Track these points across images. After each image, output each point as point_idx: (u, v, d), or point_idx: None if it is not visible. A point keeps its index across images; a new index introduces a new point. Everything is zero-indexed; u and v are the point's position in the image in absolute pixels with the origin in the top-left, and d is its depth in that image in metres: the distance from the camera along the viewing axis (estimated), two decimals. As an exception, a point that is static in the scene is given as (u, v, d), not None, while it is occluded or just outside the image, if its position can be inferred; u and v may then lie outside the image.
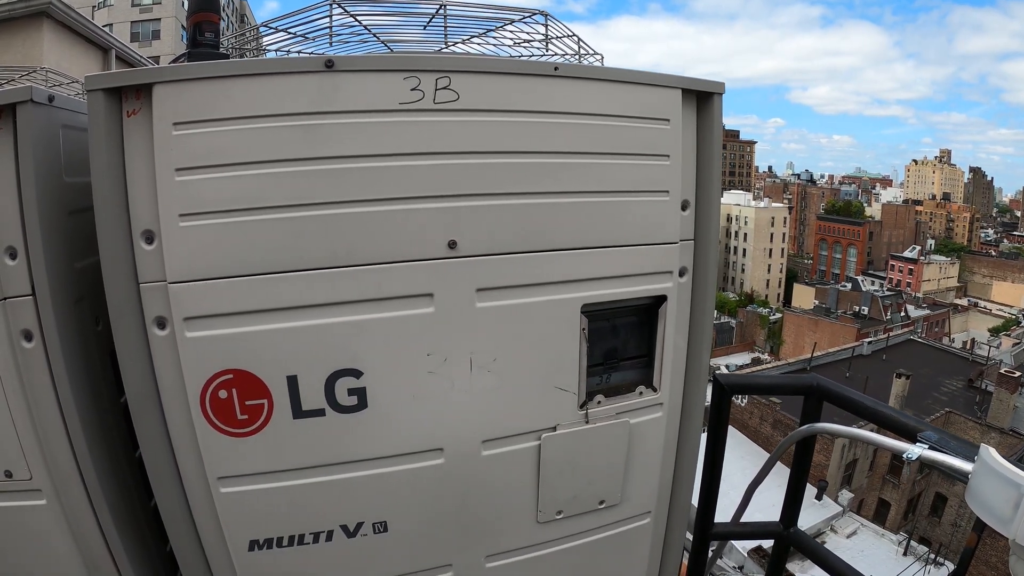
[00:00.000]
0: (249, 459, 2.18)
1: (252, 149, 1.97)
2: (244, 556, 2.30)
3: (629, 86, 2.33)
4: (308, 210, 2.04)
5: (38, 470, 2.21)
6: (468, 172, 2.16)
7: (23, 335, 2.10)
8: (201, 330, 2.05)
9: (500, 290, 2.28)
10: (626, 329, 2.57)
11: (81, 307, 2.27)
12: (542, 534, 2.63)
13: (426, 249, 2.17)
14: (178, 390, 2.10)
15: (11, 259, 2.05)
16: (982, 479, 1.89)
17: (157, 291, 2.03)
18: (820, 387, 2.79)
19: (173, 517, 2.26)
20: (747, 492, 3.05)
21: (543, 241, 2.30)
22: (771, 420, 33.34)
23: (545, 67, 2.23)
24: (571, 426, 2.49)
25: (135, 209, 1.99)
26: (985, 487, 1.88)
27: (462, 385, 2.31)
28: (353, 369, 2.18)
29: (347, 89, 2.01)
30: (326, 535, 2.34)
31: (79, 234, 2.22)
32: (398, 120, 2.07)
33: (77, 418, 2.18)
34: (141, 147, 1.96)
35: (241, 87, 1.95)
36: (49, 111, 2.10)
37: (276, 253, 2.05)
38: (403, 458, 2.32)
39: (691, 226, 2.58)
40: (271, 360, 2.11)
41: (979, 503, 1.90)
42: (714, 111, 2.52)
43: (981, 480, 1.90)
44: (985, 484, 1.88)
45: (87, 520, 2.30)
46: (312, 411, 2.18)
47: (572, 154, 2.28)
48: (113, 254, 2.00)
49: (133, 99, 1.94)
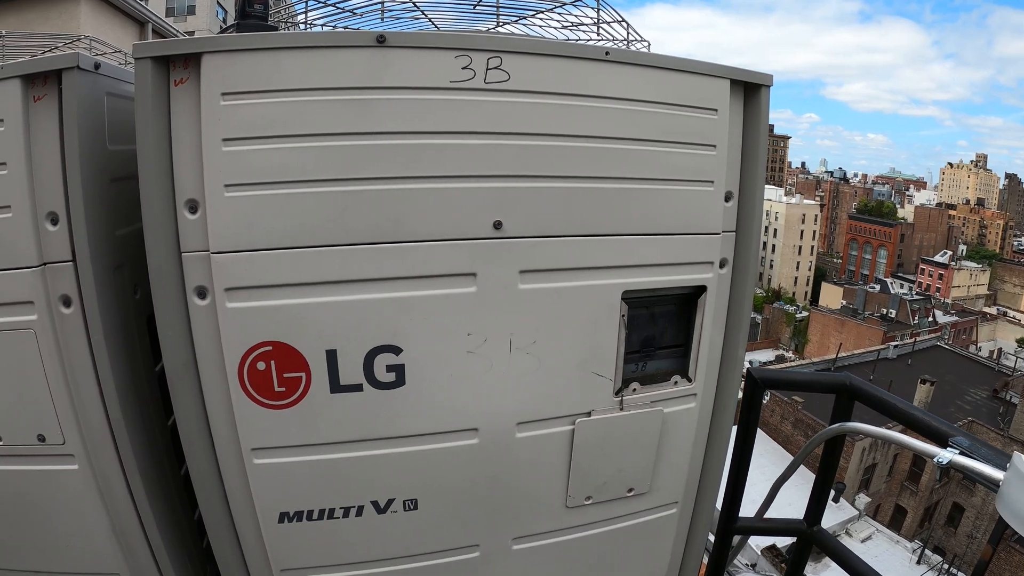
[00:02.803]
0: (284, 431, 2.20)
1: (300, 122, 1.97)
2: (273, 527, 2.32)
3: (678, 74, 2.30)
4: (355, 185, 2.04)
5: (71, 435, 2.24)
6: (516, 153, 2.14)
7: (62, 300, 2.12)
8: (242, 301, 2.05)
9: (543, 273, 2.27)
10: (664, 318, 2.56)
11: (120, 274, 2.29)
12: (570, 519, 2.62)
13: (471, 228, 2.17)
14: (216, 360, 2.11)
15: (52, 225, 2.07)
16: (1015, 487, 1.86)
17: (199, 261, 2.04)
18: (853, 386, 2.76)
19: (204, 485, 2.28)
20: (773, 488, 3.02)
21: (587, 226, 2.28)
22: (792, 419, 33.09)
23: (596, 51, 2.20)
24: (606, 412, 2.48)
25: (180, 178, 2.00)
26: (1018, 495, 1.84)
27: (500, 366, 2.31)
28: (393, 346, 2.18)
29: (398, 65, 2.00)
30: (356, 510, 2.35)
31: (121, 202, 2.24)
32: (448, 98, 2.05)
33: (112, 384, 2.20)
34: (188, 117, 1.96)
35: (291, 59, 1.94)
36: (95, 78, 2.11)
37: (321, 227, 2.05)
38: (438, 436, 2.33)
39: (734, 218, 2.54)
40: (311, 333, 2.11)
41: (1011, 511, 1.86)
42: (761, 103, 2.48)
43: (1013, 488, 1.86)
44: (1018, 492, 1.84)
45: (118, 486, 2.33)
46: (350, 386, 2.18)
47: (619, 140, 2.25)
48: (156, 222, 2.01)
49: (181, 68, 1.95)
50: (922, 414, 2.49)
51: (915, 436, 2.41)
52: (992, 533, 1.97)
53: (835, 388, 2.81)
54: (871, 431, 2.54)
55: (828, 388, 2.87)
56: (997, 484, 1.92)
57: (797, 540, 3.12)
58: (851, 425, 2.67)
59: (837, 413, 2.79)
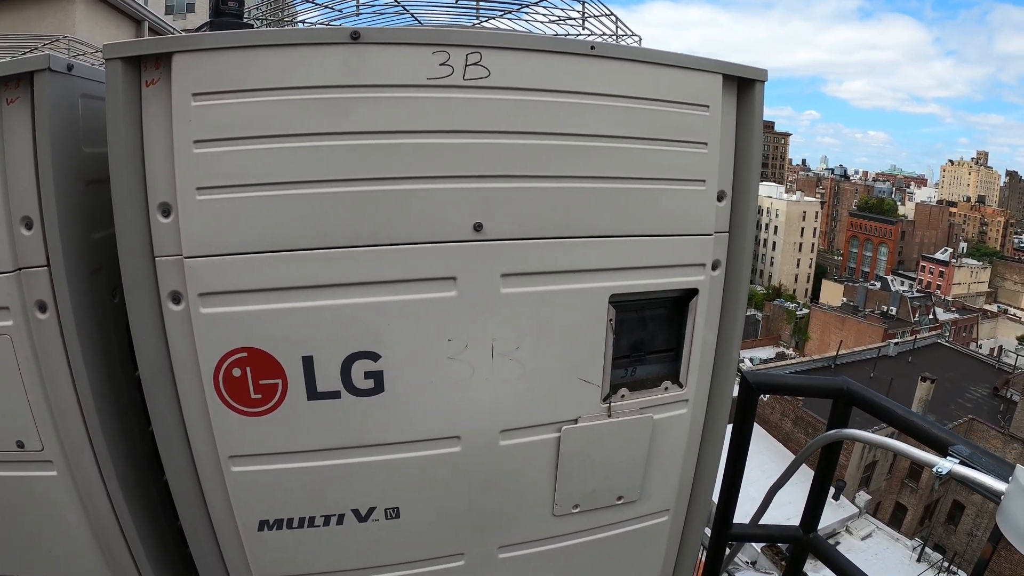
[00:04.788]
0: (261, 439, 2.16)
1: (274, 122, 1.92)
2: (253, 536, 2.28)
3: (668, 69, 2.24)
4: (330, 186, 1.99)
5: (50, 441, 2.21)
6: (497, 152, 2.09)
7: (37, 306, 2.09)
8: (216, 306, 2.01)
9: (526, 276, 2.22)
10: (654, 322, 2.50)
11: (98, 279, 2.25)
12: (557, 527, 2.58)
13: (451, 231, 2.11)
14: (192, 366, 2.07)
15: (27, 229, 2.04)
16: (1016, 502, 1.79)
17: (173, 265, 2.00)
18: (850, 391, 2.70)
19: (183, 494, 2.25)
20: (768, 494, 2.97)
21: (572, 227, 2.23)
22: (792, 416, 33.08)
23: (581, 45, 2.14)
24: (593, 419, 2.43)
25: (152, 181, 1.96)
26: (1019, 511, 1.78)
27: (483, 372, 2.26)
28: (371, 352, 2.14)
29: (373, 62, 1.95)
30: (337, 519, 2.31)
31: (97, 205, 2.19)
32: (426, 96, 2.00)
33: (89, 390, 2.17)
34: (159, 118, 1.92)
35: (263, 58, 1.90)
36: (68, 80, 2.07)
37: (296, 230, 2.00)
38: (419, 444, 2.29)
39: (727, 218, 2.48)
40: (287, 339, 2.07)
41: (1011, 526, 1.80)
42: (755, 99, 2.42)
43: (1015, 503, 1.79)
44: (1019, 508, 1.78)
45: (97, 492, 2.29)
46: (327, 393, 2.14)
47: (606, 137, 2.19)
48: (129, 226, 1.97)
49: (152, 68, 1.90)
50: (921, 420, 2.43)
51: (914, 444, 2.35)
52: (992, 531, 1.91)
53: (832, 393, 2.75)
54: (869, 438, 2.49)
55: (825, 393, 2.80)
56: (998, 496, 1.86)
57: (793, 547, 3.07)
58: (848, 432, 2.61)
59: (834, 418, 2.73)
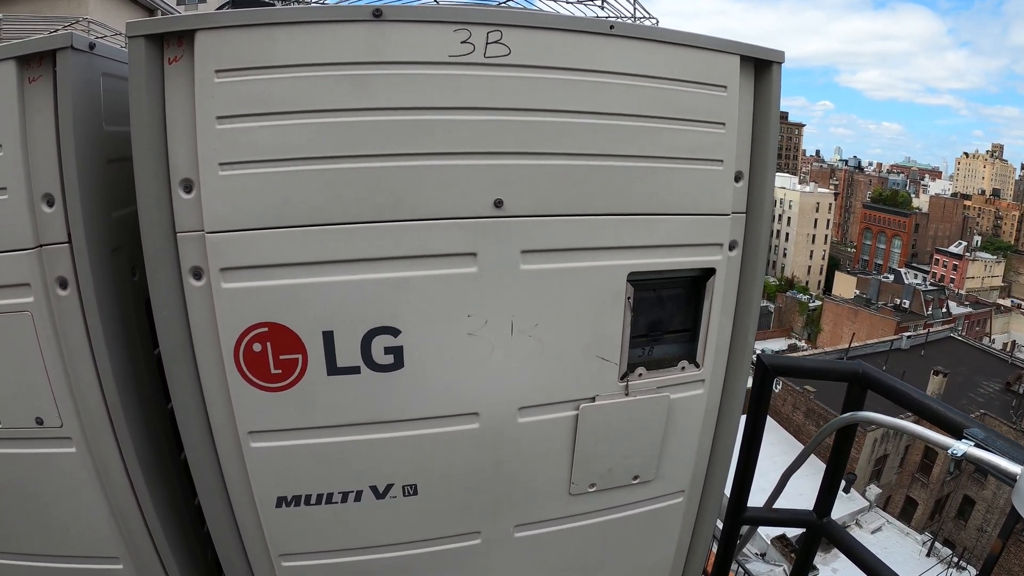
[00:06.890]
0: (281, 414, 2.17)
1: (296, 98, 1.93)
2: (271, 512, 2.29)
3: (686, 49, 2.23)
4: (352, 162, 1.99)
5: (69, 418, 2.23)
6: (517, 129, 2.09)
7: (58, 283, 2.10)
8: (237, 281, 2.02)
9: (546, 253, 2.22)
10: (672, 301, 2.50)
11: (118, 256, 2.26)
12: (574, 506, 2.58)
13: (471, 207, 2.12)
14: (212, 342, 2.08)
15: (48, 206, 2.05)
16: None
17: (194, 241, 2.00)
18: (866, 375, 2.69)
19: (202, 471, 2.26)
20: (782, 478, 2.98)
21: (592, 205, 2.23)
22: (804, 408, 33.04)
23: (600, 25, 2.13)
24: (610, 397, 2.43)
25: (174, 157, 1.97)
26: (1035, 492, 1.76)
27: (502, 349, 2.26)
28: (391, 327, 2.14)
29: (395, 40, 1.95)
30: (355, 495, 2.32)
31: (118, 183, 2.21)
32: (447, 73, 2.00)
33: (109, 367, 2.18)
34: (182, 95, 1.93)
35: (286, 35, 1.90)
36: (90, 59, 2.08)
37: (317, 205, 2.01)
38: (437, 421, 2.29)
39: (744, 198, 2.47)
40: (307, 315, 2.08)
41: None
42: (772, 80, 2.40)
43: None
44: (1035, 489, 1.76)
45: (116, 469, 2.31)
46: (347, 368, 2.15)
47: (625, 116, 2.19)
48: (151, 202, 1.98)
49: (175, 46, 1.91)
50: (937, 404, 2.42)
51: (929, 427, 2.35)
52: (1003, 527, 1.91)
53: (848, 376, 2.74)
54: (884, 421, 2.48)
55: (840, 376, 2.80)
56: (1013, 479, 1.85)
57: (806, 532, 3.08)
58: (863, 415, 2.60)
59: (849, 402, 2.73)
